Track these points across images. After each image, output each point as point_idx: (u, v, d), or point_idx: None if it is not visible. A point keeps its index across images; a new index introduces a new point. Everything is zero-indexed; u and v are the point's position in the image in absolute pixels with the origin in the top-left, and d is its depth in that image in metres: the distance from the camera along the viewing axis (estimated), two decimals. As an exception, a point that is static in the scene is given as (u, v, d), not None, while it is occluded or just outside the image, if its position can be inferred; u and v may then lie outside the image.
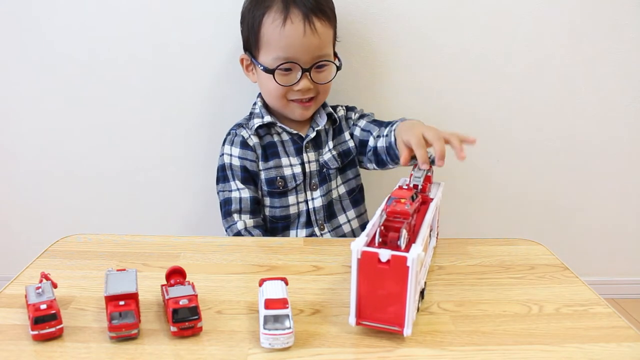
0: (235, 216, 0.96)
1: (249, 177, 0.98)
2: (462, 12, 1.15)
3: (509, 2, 1.14)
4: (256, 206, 0.97)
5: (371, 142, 0.99)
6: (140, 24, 1.13)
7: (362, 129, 1.02)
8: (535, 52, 1.18)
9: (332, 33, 0.98)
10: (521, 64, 1.19)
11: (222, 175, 0.99)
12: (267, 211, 0.99)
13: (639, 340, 0.57)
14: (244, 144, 0.98)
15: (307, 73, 0.93)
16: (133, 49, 1.15)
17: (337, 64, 0.98)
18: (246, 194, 0.96)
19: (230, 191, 0.97)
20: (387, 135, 0.91)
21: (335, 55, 1.01)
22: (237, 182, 0.97)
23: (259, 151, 0.99)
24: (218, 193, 1.00)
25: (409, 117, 1.25)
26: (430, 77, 1.19)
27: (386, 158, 0.95)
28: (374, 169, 1.03)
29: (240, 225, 0.95)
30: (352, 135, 1.04)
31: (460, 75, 1.19)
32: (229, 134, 1.02)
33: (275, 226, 0.99)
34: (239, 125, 1.02)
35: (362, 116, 1.06)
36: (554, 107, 1.24)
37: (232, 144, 0.99)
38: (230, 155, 0.99)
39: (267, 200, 0.99)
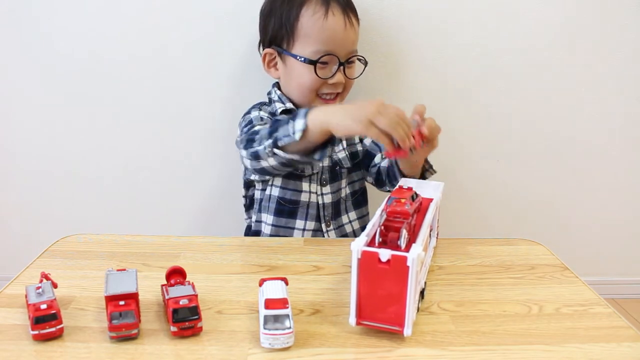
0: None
1: None
2: (461, 13, 1.15)
3: (510, 2, 1.14)
4: None
5: (377, 159, 1.00)
6: (141, 23, 1.13)
7: (373, 141, 1.03)
8: (535, 52, 1.18)
9: (359, 30, 0.99)
10: (521, 64, 1.19)
11: (250, 125, 0.92)
12: (277, 192, 0.97)
13: (639, 340, 0.57)
14: (271, 114, 0.98)
15: (342, 67, 0.94)
16: (133, 49, 1.15)
17: (366, 60, 0.99)
18: None
19: (256, 126, 0.90)
20: None
21: None
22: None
23: None
24: (242, 138, 0.87)
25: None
26: (430, 78, 1.19)
27: (385, 179, 0.96)
28: (372, 184, 1.04)
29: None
30: (361, 140, 1.04)
31: (460, 75, 1.19)
32: (253, 107, 1.00)
33: (282, 208, 0.97)
34: (262, 104, 1.01)
35: None
36: (554, 107, 1.24)
37: (259, 110, 0.98)
38: (260, 114, 0.96)
39: (280, 181, 0.97)
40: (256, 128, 0.86)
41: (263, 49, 1.00)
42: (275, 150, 0.76)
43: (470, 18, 1.15)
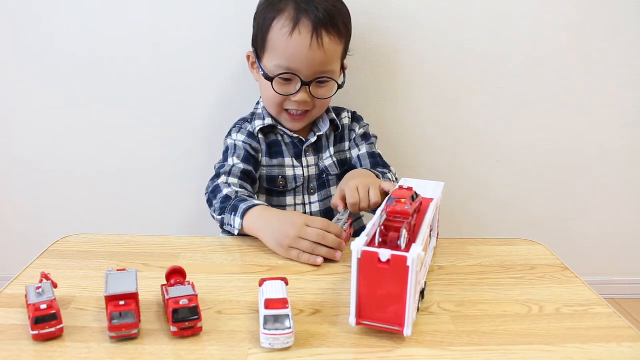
0: (223, 177, 0.91)
1: (250, 157, 0.96)
2: (461, 13, 1.15)
3: (509, 2, 1.14)
4: (246, 177, 0.93)
5: None
6: (140, 22, 1.13)
7: (359, 157, 1.02)
8: (535, 52, 1.18)
9: (341, 49, 0.95)
10: (521, 64, 1.19)
11: (224, 156, 0.98)
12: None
13: (639, 340, 0.57)
14: (251, 135, 0.98)
15: (307, 86, 0.92)
16: (133, 48, 1.15)
17: (339, 83, 0.97)
18: (240, 166, 0.93)
19: (225, 164, 0.95)
20: None
21: (342, 69, 0.99)
22: (235, 158, 0.95)
23: (264, 146, 0.99)
24: (208, 189, 0.94)
25: (407, 117, 1.23)
26: (430, 78, 1.19)
27: None
28: None
29: (222, 180, 0.90)
30: (350, 148, 1.04)
31: (460, 76, 1.19)
32: (234, 126, 1.02)
33: None
34: (245, 120, 1.02)
35: (365, 136, 1.05)
36: (554, 107, 1.24)
37: (239, 131, 0.99)
38: (236, 140, 0.98)
39: (264, 199, 0.98)
40: (217, 191, 0.88)
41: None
42: (222, 227, 0.86)
43: (470, 18, 1.15)
